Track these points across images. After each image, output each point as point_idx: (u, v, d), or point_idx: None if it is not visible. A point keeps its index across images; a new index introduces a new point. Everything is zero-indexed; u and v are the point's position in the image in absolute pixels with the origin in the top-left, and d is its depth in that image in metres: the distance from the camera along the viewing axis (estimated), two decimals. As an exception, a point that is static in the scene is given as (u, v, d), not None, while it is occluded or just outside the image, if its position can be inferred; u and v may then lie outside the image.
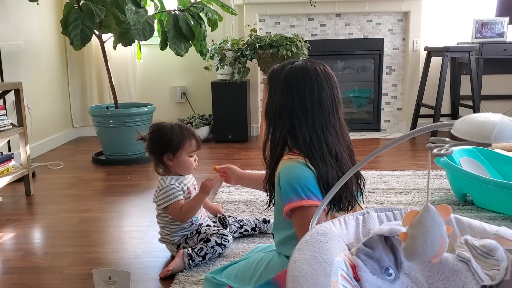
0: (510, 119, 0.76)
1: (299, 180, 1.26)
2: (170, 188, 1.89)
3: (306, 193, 1.25)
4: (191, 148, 1.89)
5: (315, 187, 1.26)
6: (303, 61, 1.36)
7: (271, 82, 1.38)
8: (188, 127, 1.95)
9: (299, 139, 1.30)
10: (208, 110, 4.49)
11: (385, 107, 4.61)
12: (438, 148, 0.78)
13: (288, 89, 1.32)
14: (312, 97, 1.30)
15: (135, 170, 3.40)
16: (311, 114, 1.30)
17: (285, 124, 1.32)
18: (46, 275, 1.84)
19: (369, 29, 4.45)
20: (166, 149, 1.90)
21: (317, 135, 1.29)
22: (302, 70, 1.32)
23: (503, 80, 4.56)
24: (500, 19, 4.19)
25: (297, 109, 1.30)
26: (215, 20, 3.74)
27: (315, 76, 1.31)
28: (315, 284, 0.87)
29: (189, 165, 1.92)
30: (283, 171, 1.30)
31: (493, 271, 1.00)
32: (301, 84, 1.31)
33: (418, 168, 3.21)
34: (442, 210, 0.89)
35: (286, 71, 1.34)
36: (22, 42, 3.68)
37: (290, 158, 1.31)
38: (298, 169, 1.27)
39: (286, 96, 1.32)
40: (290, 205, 1.26)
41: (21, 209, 2.64)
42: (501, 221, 2.24)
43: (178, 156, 1.89)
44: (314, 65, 1.34)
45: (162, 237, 1.98)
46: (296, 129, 1.31)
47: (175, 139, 1.88)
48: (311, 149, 1.28)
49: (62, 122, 4.41)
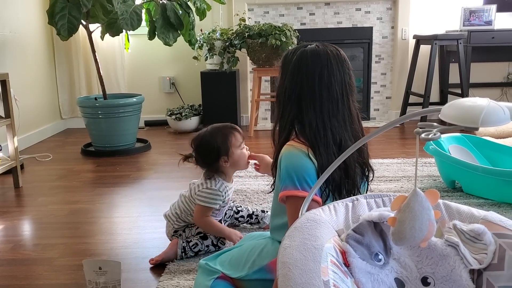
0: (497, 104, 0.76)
1: (297, 170, 1.26)
2: (216, 194, 1.86)
3: (301, 183, 1.24)
4: (238, 141, 1.88)
5: (313, 179, 1.25)
6: (316, 45, 1.34)
7: (283, 66, 1.37)
8: (224, 124, 1.93)
9: (305, 124, 1.29)
10: (198, 100, 4.48)
11: (374, 95, 4.62)
12: (426, 133, 0.78)
13: (297, 73, 1.31)
14: (321, 82, 1.28)
15: (125, 161, 3.38)
16: (319, 100, 1.28)
17: (292, 108, 1.31)
18: (36, 266, 1.83)
19: (358, 17, 4.44)
20: (219, 155, 1.86)
21: (323, 122, 1.28)
22: (313, 54, 1.31)
23: (491, 67, 4.58)
24: (488, 7, 4.21)
25: (305, 93, 1.29)
26: (203, 10, 3.72)
27: (326, 61, 1.29)
28: (305, 270, 0.87)
29: (244, 157, 1.90)
30: (284, 157, 1.30)
31: (481, 255, 1.01)
32: (311, 68, 1.29)
33: (407, 156, 3.23)
34: (430, 195, 0.89)
35: (297, 55, 1.32)
36: (8, 33, 3.62)
37: (294, 144, 1.30)
38: (299, 158, 1.26)
39: (296, 80, 1.31)
40: (284, 192, 1.26)
41: (9, 201, 2.62)
42: (489, 207, 2.26)
43: (231, 154, 1.86)
44: (326, 48, 1.32)
45: (170, 215, 1.95)
46: (303, 114, 1.29)
47: (221, 142, 1.85)
48: (316, 136, 1.27)
49: (50, 114, 4.37)
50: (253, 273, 1.39)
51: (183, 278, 1.67)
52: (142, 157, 3.49)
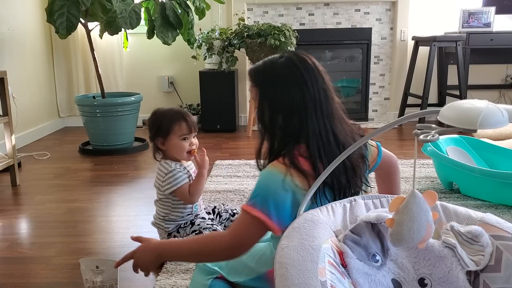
0: (496, 106, 0.77)
1: (268, 193, 1.16)
2: (176, 172, 1.87)
3: (265, 207, 1.15)
4: (181, 131, 1.86)
5: (280, 208, 1.15)
6: (287, 53, 1.27)
7: (264, 82, 1.25)
8: (183, 111, 1.92)
9: (308, 135, 1.18)
10: (196, 100, 4.47)
11: (372, 96, 4.62)
12: (424, 134, 0.78)
13: (294, 82, 1.21)
14: (318, 86, 1.21)
15: (122, 160, 3.38)
16: (319, 105, 1.20)
17: (293, 121, 1.20)
18: (33, 265, 1.83)
19: (357, 18, 4.45)
20: (157, 134, 1.88)
21: (324, 125, 1.20)
22: (299, 60, 1.23)
23: (489, 69, 4.59)
24: (487, 8, 4.21)
25: (308, 102, 1.20)
26: (202, 9, 3.72)
27: (313, 64, 1.24)
28: (302, 271, 0.87)
29: (180, 148, 1.87)
30: (264, 175, 1.20)
31: (478, 257, 1.01)
32: (305, 74, 1.21)
33: (405, 157, 3.23)
34: (428, 196, 0.89)
35: (283, 66, 1.22)
36: (6, 31, 3.62)
37: (277, 166, 1.18)
38: (277, 183, 1.15)
39: (293, 90, 1.20)
40: (245, 206, 1.18)
41: (7, 200, 2.61)
42: (486, 209, 2.27)
43: (169, 139, 1.86)
44: (301, 54, 1.26)
45: (157, 222, 1.97)
46: (306, 125, 1.19)
47: (165, 123, 1.86)
48: (319, 144, 1.18)
49: (48, 112, 4.36)
50: (251, 280, 1.37)
51: (180, 278, 1.67)
52: (140, 156, 3.48)
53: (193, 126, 1.90)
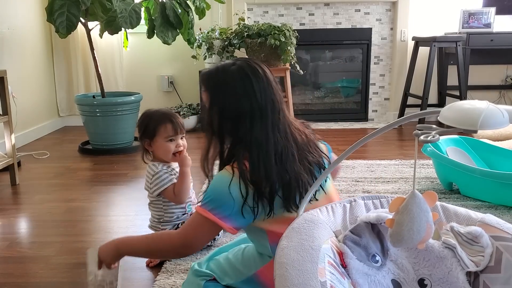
0: (496, 107, 0.77)
1: (217, 195, 1.21)
2: (163, 173, 1.87)
3: (214, 209, 1.21)
4: (166, 133, 1.85)
5: (226, 210, 1.20)
6: (239, 61, 1.28)
7: (214, 88, 1.28)
8: (170, 112, 1.91)
9: (252, 143, 1.21)
10: (196, 99, 4.47)
11: (372, 97, 4.62)
12: (425, 135, 0.78)
13: (243, 91, 1.23)
14: (266, 96, 1.24)
15: (122, 159, 3.38)
16: (265, 115, 1.23)
17: (239, 129, 1.23)
18: (33, 264, 1.82)
19: (357, 18, 4.45)
20: (144, 135, 1.89)
21: (266, 135, 1.22)
22: (252, 69, 1.25)
23: (489, 70, 4.59)
24: (487, 9, 4.21)
25: (255, 111, 1.23)
26: (202, 9, 3.71)
27: (263, 74, 1.26)
28: (302, 271, 0.87)
29: (166, 150, 1.87)
30: (216, 178, 1.24)
31: (478, 258, 1.01)
32: (255, 83, 1.23)
33: (405, 158, 3.23)
34: (428, 197, 0.89)
35: (234, 75, 1.25)
36: (6, 30, 3.61)
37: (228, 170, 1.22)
38: (224, 186, 1.19)
39: (243, 99, 1.23)
40: (198, 208, 1.24)
41: (6, 199, 2.61)
42: (486, 210, 2.26)
43: (155, 141, 1.87)
44: (253, 63, 1.28)
45: (153, 225, 1.97)
46: (250, 133, 1.22)
47: (150, 125, 1.87)
48: (259, 153, 1.21)
49: (48, 111, 4.36)
50: (241, 282, 1.38)
51: (179, 277, 1.67)
52: (140, 156, 3.46)
53: (180, 127, 1.89)
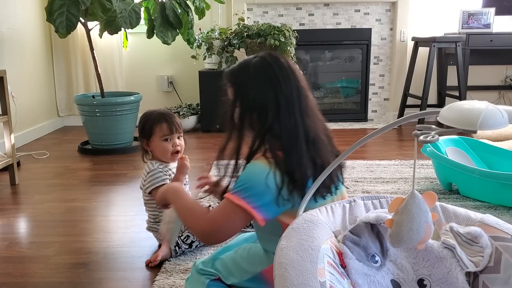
0: (496, 107, 0.77)
1: (252, 184, 1.19)
2: (156, 172, 1.87)
3: (247, 197, 1.18)
4: (162, 132, 1.87)
5: (261, 199, 1.18)
6: (261, 54, 1.30)
7: (239, 82, 1.30)
8: (166, 112, 1.93)
9: (282, 131, 1.22)
10: (196, 100, 4.47)
11: (372, 97, 4.62)
12: (424, 135, 0.78)
13: (266, 80, 1.25)
14: (291, 84, 1.25)
15: (122, 159, 3.38)
16: (291, 102, 1.24)
17: (267, 119, 1.23)
18: (32, 264, 1.82)
19: (357, 19, 4.45)
20: (141, 135, 1.91)
21: (295, 122, 1.23)
22: (273, 59, 1.27)
23: (489, 70, 4.59)
24: (486, 10, 4.22)
25: (280, 99, 1.23)
26: (202, 9, 3.71)
27: (286, 62, 1.27)
28: (302, 271, 0.87)
29: (162, 149, 1.88)
30: (251, 166, 1.23)
31: (478, 258, 1.01)
32: (278, 71, 1.25)
33: (404, 158, 3.23)
34: (427, 197, 0.89)
35: (257, 65, 1.27)
36: (6, 30, 3.61)
37: (262, 160, 1.22)
38: (261, 176, 1.18)
39: (267, 88, 1.24)
40: (228, 194, 1.21)
41: (5, 199, 2.61)
42: (485, 210, 2.26)
43: (152, 141, 1.89)
44: (275, 54, 1.30)
45: (150, 225, 1.97)
46: (278, 122, 1.22)
47: (147, 124, 1.89)
48: (290, 141, 1.21)
49: (48, 111, 4.36)
50: (246, 281, 1.37)
51: (179, 278, 1.67)
52: (139, 156, 3.44)
53: (175, 127, 1.90)
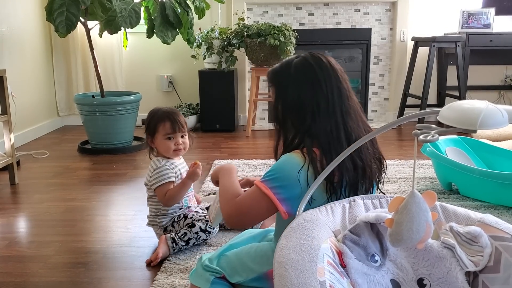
0: (496, 106, 0.76)
1: (282, 175, 1.20)
2: (164, 169, 1.90)
3: (276, 188, 1.19)
4: (165, 131, 1.89)
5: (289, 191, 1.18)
6: (304, 54, 1.31)
7: (279, 81, 1.31)
8: (171, 111, 1.95)
9: (320, 131, 1.21)
10: (195, 99, 4.47)
11: (372, 97, 4.62)
12: (424, 135, 0.78)
13: (306, 80, 1.26)
14: (332, 84, 1.25)
15: (121, 159, 3.38)
16: (331, 103, 1.24)
17: (306, 118, 1.23)
18: (32, 264, 1.82)
19: (357, 18, 4.45)
20: (147, 132, 1.94)
21: (336, 123, 1.22)
22: (315, 59, 1.28)
23: (489, 70, 4.59)
24: (486, 9, 4.21)
25: (319, 99, 1.23)
26: (202, 8, 3.71)
27: (327, 63, 1.28)
28: (301, 271, 0.87)
29: (165, 147, 1.91)
30: (285, 157, 1.23)
31: (477, 257, 1.01)
32: (319, 72, 1.26)
33: (404, 158, 3.23)
34: (427, 197, 0.89)
35: (297, 66, 1.28)
36: (6, 29, 3.61)
37: (297, 154, 1.22)
38: (293, 168, 1.18)
39: (307, 89, 1.25)
40: (258, 182, 1.22)
41: (5, 198, 2.61)
42: (485, 210, 2.27)
43: (156, 138, 1.92)
44: (317, 54, 1.30)
45: (150, 220, 1.98)
46: (317, 122, 1.22)
47: (152, 122, 1.92)
48: (329, 141, 1.21)
49: (47, 111, 4.36)
50: (251, 280, 1.37)
51: (178, 277, 1.67)
52: (139, 155, 3.48)
53: (179, 126, 1.91)
